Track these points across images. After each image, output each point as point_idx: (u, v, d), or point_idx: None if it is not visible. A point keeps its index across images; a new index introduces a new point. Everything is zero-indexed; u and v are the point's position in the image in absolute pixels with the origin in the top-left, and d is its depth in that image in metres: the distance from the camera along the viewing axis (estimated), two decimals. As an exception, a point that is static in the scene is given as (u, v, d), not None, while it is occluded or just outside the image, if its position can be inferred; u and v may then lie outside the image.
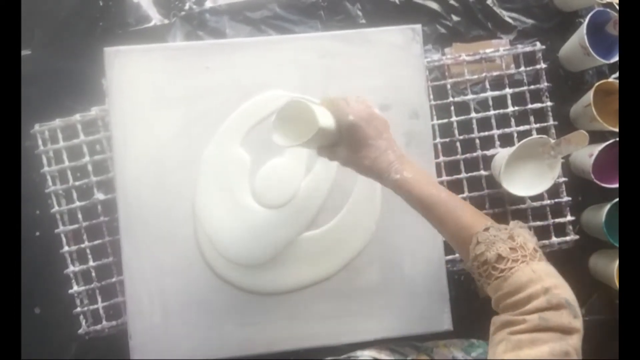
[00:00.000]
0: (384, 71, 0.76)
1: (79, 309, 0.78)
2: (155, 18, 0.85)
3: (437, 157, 0.80)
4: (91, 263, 0.79)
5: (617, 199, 0.75)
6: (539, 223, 0.79)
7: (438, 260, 0.75)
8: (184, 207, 0.74)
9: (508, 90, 0.81)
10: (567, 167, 0.82)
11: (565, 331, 0.44)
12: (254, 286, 0.74)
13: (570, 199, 0.79)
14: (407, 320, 0.74)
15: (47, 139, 0.80)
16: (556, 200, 0.79)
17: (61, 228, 0.79)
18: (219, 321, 0.73)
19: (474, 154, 0.80)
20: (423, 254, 0.75)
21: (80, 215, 0.79)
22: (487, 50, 0.82)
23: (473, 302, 0.81)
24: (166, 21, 0.84)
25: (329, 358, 0.61)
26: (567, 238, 0.79)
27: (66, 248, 0.79)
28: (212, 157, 0.75)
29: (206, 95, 0.75)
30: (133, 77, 0.74)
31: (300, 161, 0.75)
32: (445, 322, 0.75)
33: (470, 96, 0.82)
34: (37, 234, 0.82)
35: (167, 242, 0.73)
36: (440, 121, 0.81)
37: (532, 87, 0.82)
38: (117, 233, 0.74)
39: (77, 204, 0.79)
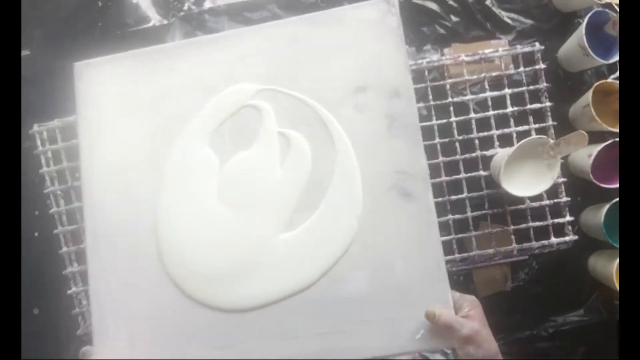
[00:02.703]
0: (359, 50, 0.68)
1: (77, 310, 0.78)
2: (154, 19, 0.85)
3: (436, 157, 0.80)
4: (90, 264, 0.78)
5: (616, 200, 0.75)
6: (538, 223, 0.79)
7: (436, 261, 0.63)
8: (147, 219, 0.67)
9: (507, 91, 0.81)
10: (566, 168, 0.82)
11: None
12: (227, 302, 0.65)
13: (569, 199, 0.80)
14: (404, 336, 0.62)
15: (45, 140, 0.80)
16: (555, 200, 0.80)
17: (60, 228, 0.79)
18: (189, 345, 0.64)
19: (473, 155, 0.81)
20: (418, 255, 0.63)
21: (79, 216, 0.79)
22: (486, 51, 0.82)
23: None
24: (165, 22, 0.84)
25: None
26: (567, 238, 0.79)
27: (65, 248, 0.79)
28: (176, 162, 0.69)
29: (171, 97, 0.70)
30: (101, 88, 0.71)
31: (270, 152, 0.68)
32: None
33: (469, 96, 0.82)
34: (36, 234, 0.82)
35: (131, 258, 0.66)
36: (439, 121, 0.81)
37: (531, 87, 0.82)
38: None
39: (76, 204, 0.79)
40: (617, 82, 0.76)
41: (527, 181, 0.73)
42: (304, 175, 0.66)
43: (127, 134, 0.69)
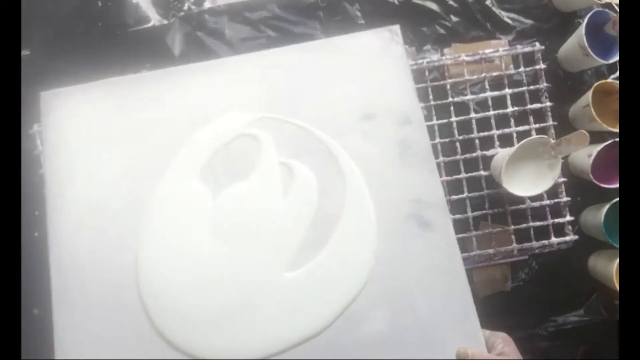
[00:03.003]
0: (364, 77, 0.65)
1: (78, 310, 0.78)
2: (154, 19, 0.84)
3: (436, 157, 0.80)
4: (90, 264, 0.78)
5: (616, 200, 0.75)
6: (538, 223, 0.79)
7: (462, 297, 0.57)
8: (127, 262, 0.59)
9: (507, 91, 0.81)
10: (566, 168, 0.82)
11: None
12: (225, 353, 0.56)
13: (569, 199, 0.80)
14: None
15: (46, 140, 0.80)
16: (555, 200, 0.80)
17: (60, 229, 0.79)
18: None
19: (474, 154, 0.81)
20: (442, 290, 0.57)
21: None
22: (486, 51, 0.82)
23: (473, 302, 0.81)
24: (165, 22, 0.84)
25: None
26: (567, 238, 0.79)
27: (65, 249, 0.78)
28: (161, 197, 0.61)
29: (155, 128, 0.63)
30: (70, 119, 0.64)
31: (271, 183, 0.61)
32: None
33: (469, 96, 0.82)
34: (36, 234, 0.81)
35: (109, 310, 0.58)
36: (439, 121, 0.81)
37: (531, 87, 0.82)
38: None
39: (76, 204, 0.79)
40: (617, 82, 0.76)
41: (528, 181, 0.73)
42: (311, 207, 0.60)
43: (104, 170, 0.62)
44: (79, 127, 0.64)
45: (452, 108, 0.81)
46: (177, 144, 0.63)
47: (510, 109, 0.81)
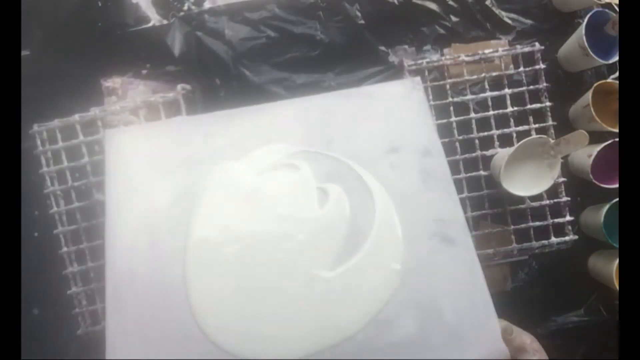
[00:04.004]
0: (388, 117, 0.72)
1: (77, 310, 0.78)
2: (154, 19, 0.84)
3: (436, 157, 0.80)
4: (90, 264, 0.78)
5: (616, 200, 0.75)
6: (538, 223, 0.79)
7: (482, 298, 0.62)
8: (176, 271, 0.64)
9: (507, 91, 0.81)
10: (566, 168, 0.82)
11: None
12: (268, 352, 0.60)
13: (569, 199, 0.80)
14: None
15: (45, 140, 0.80)
16: (555, 200, 0.80)
17: (60, 229, 0.79)
18: None
19: (473, 154, 0.81)
20: (464, 295, 0.62)
21: (79, 216, 0.79)
22: (486, 51, 0.82)
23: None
24: (165, 22, 0.84)
25: None
26: (567, 238, 0.79)
27: (65, 249, 0.79)
28: (210, 212, 0.68)
29: (205, 161, 0.70)
30: (130, 152, 0.71)
31: (309, 198, 0.68)
32: None
33: (469, 96, 0.82)
34: (36, 234, 0.82)
35: (159, 313, 0.63)
36: (439, 121, 0.81)
37: (531, 87, 0.82)
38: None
39: (76, 204, 0.79)
40: (617, 82, 0.76)
41: (528, 181, 0.73)
42: (344, 219, 0.66)
43: (158, 195, 0.68)
44: (137, 157, 0.71)
45: (451, 108, 0.81)
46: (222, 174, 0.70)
47: (510, 109, 0.81)
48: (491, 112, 0.81)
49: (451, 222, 0.66)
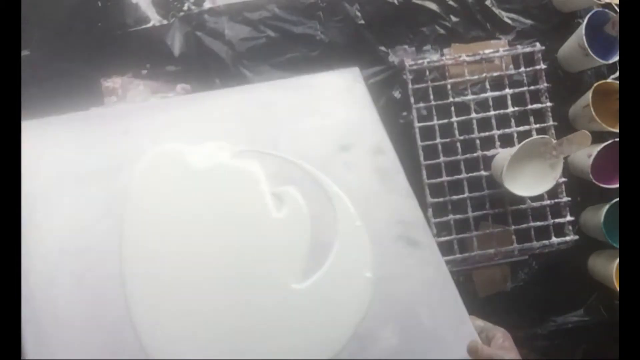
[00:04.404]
0: (334, 112, 0.68)
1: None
2: (154, 19, 0.84)
3: (437, 157, 0.80)
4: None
5: (616, 200, 0.75)
6: (538, 223, 0.79)
7: (454, 300, 0.62)
8: (115, 310, 0.54)
9: (508, 91, 0.81)
10: (566, 168, 0.82)
11: None
12: None
13: (569, 199, 0.80)
14: None
15: (46, 140, 0.80)
16: (555, 200, 0.80)
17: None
18: None
19: (474, 155, 0.81)
20: (436, 297, 0.61)
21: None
22: (487, 51, 0.82)
23: (473, 302, 0.81)
24: (165, 22, 0.84)
25: None
26: (567, 238, 0.79)
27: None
28: (144, 230, 0.59)
29: (128, 164, 0.61)
30: (45, 152, 0.60)
31: (263, 204, 0.62)
32: None
33: (470, 97, 0.82)
34: None
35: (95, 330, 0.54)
36: (440, 122, 0.81)
37: (531, 87, 0.82)
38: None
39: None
40: (617, 82, 0.76)
41: (530, 181, 0.73)
42: (305, 224, 0.61)
43: (80, 210, 0.58)
44: (52, 160, 0.61)
45: (452, 108, 0.81)
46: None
47: (510, 109, 0.81)
48: (492, 113, 0.81)
49: (413, 223, 0.64)
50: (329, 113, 0.68)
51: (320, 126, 0.67)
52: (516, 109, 0.81)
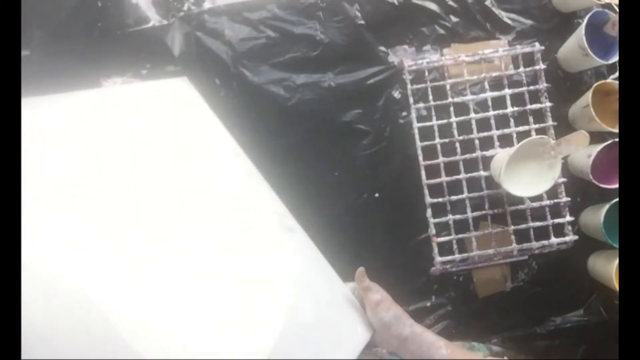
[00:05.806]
0: (175, 123, 0.64)
1: (77, 310, 0.78)
2: (154, 19, 0.84)
3: (436, 157, 0.80)
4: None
5: (616, 200, 0.75)
6: (538, 224, 0.79)
7: (335, 279, 0.68)
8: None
9: (507, 91, 0.82)
10: (566, 168, 0.82)
11: None
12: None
13: (569, 199, 0.80)
14: (349, 339, 0.62)
15: (45, 140, 0.80)
16: (555, 200, 0.80)
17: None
18: None
19: (473, 155, 0.81)
20: (322, 279, 0.65)
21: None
22: (486, 51, 0.82)
23: (472, 302, 0.81)
24: (165, 22, 0.84)
25: None
26: (567, 238, 0.79)
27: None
28: None
29: None
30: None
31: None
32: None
33: (469, 97, 0.82)
34: None
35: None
36: (439, 122, 0.81)
37: (531, 87, 0.82)
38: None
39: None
40: (617, 82, 0.76)
41: (528, 181, 0.73)
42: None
43: None
44: None
45: (451, 108, 0.81)
46: None
47: (510, 110, 0.81)
48: (491, 113, 0.81)
49: (283, 212, 0.68)
50: (172, 124, 0.64)
51: (165, 139, 0.61)
52: (515, 109, 0.81)
